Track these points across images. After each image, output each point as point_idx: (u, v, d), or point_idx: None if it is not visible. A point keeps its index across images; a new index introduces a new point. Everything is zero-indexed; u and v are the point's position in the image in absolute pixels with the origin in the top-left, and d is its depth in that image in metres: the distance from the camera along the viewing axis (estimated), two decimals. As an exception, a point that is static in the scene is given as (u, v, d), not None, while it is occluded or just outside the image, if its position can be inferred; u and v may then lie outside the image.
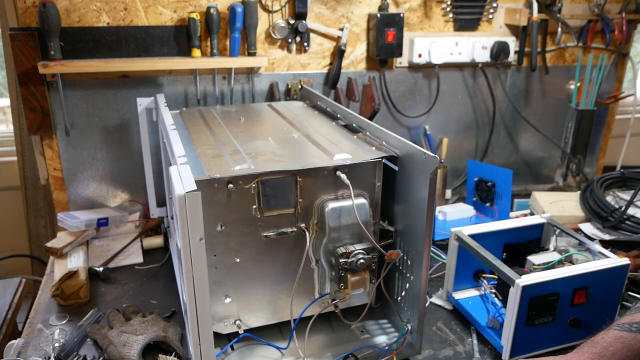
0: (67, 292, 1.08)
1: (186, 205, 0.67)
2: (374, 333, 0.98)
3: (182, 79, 1.39)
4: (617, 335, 0.73)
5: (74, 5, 1.25)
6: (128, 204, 1.45)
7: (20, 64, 1.24)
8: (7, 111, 2.03)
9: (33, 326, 1.03)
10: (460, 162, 1.73)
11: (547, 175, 1.87)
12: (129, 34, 1.31)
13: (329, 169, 0.88)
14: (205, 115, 1.21)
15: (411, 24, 1.54)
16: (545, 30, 1.65)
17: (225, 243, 0.86)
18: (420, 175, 0.83)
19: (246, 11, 1.33)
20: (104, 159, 1.39)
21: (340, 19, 1.47)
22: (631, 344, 0.72)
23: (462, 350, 0.97)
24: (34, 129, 1.30)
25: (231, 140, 1.00)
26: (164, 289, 1.15)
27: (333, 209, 0.88)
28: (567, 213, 1.44)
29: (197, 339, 0.75)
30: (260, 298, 0.92)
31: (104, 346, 0.92)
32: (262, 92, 1.47)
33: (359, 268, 0.88)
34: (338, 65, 1.48)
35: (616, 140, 1.99)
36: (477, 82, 1.67)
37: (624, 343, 0.72)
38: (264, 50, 1.43)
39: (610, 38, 1.67)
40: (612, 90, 1.82)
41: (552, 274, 0.91)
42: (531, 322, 0.91)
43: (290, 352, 0.92)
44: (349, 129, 1.10)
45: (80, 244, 1.28)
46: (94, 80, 1.32)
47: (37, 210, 1.72)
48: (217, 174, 0.82)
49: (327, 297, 0.95)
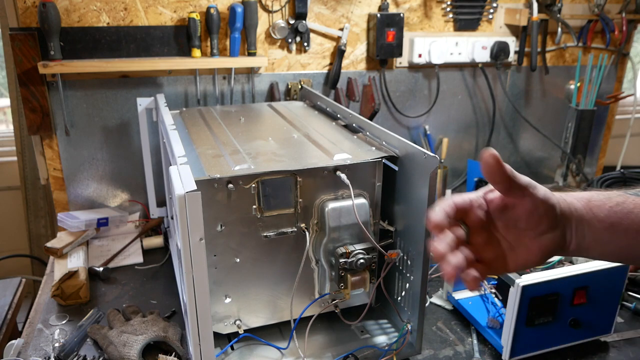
0: (67, 292, 1.08)
1: (186, 205, 0.67)
2: (374, 333, 0.98)
3: (182, 79, 1.39)
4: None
5: (74, 5, 1.25)
6: (128, 204, 1.45)
7: (20, 64, 1.24)
8: (7, 111, 2.03)
9: (33, 326, 1.03)
10: (460, 162, 1.73)
11: (547, 175, 1.87)
12: (129, 34, 1.31)
13: (329, 169, 0.88)
14: (205, 115, 1.21)
15: (411, 24, 1.54)
16: (545, 30, 1.65)
17: (225, 243, 0.86)
18: (420, 175, 0.83)
19: (246, 11, 1.33)
20: (104, 159, 1.39)
21: (340, 19, 1.47)
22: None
23: (462, 350, 0.97)
24: (34, 129, 1.30)
25: (231, 140, 1.00)
26: (164, 289, 1.15)
27: (333, 209, 0.88)
28: (567, 213, 1.44)
29: (197, 339, 0.75)
30: (260, 298, 0.92)
31: (104, 346, 0.92)
32: (262, 92, 1.47)
33: (359, 268, 0.88)
34: (338, 65, 1.48)
35: (616, 140, 1.99)
36: (477, 82, 1.67)
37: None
38: (264, 50, 1.43)
39: (610, 38, 1.67)
40: (612, 90, 1.82)
41: (552, 274, 0.91)
42: (531, 322, 0.91)
43: (290, 352, 0.92)
44: (349, 129, 1.10)
45: (80, 244, 1.28)
46: (94, 80, 1.32)
47: (37, 210, 1.72)
48: (217, 174, 0.82)
49: (327, 297, 0.95)
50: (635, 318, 1.08)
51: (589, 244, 0.61)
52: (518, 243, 0.62)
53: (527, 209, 0.60)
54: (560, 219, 0.61)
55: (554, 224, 0.60)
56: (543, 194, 0.60)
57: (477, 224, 0.62)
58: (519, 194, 0.59)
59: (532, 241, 0.61)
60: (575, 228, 0.61)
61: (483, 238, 0.63)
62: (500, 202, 0.62)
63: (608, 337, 1.01)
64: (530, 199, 0.59)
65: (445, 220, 0.60)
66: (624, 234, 0.60)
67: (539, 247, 0.61)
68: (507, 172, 0.57)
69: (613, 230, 0.60)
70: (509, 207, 0.61)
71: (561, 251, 0.62)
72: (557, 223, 0.60)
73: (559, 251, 0.62)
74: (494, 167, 0.57)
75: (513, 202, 0.60)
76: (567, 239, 0.61)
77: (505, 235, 0.62)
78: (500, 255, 0.62)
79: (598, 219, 0.61)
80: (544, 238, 0.61)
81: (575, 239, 0.61)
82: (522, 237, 0.61)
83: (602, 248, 0.61)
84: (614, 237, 0.60)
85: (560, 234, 0.61)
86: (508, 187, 0.59)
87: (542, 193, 0.60)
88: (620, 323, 1.05)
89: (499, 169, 0.57)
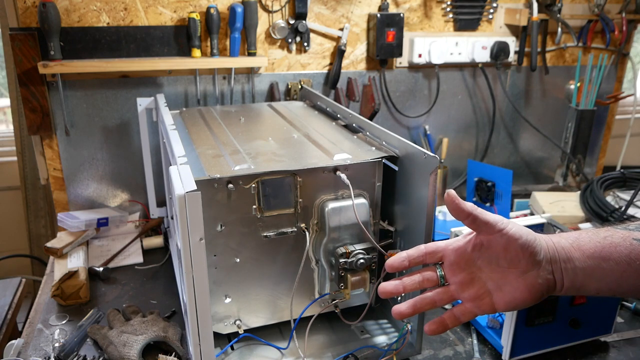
0: (67, 292, 1.08)
1: (186, 205, 0.67)
2: (374, 333, 0.98)
3: (182, 79, 1.39)
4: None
5: (74, 5, 1.25)
6: (128, 204, 1.45)
7: (20, 64, 1.24)
8: (7, 111, 2.03)
9: (33, 326, 1.03)
10: (460, 162, 1.73)
11: (547, 175, 1.87)
12: (129, 34, 1.31)
13: (328, 169, 0.88)
14: (205, 115, 1.21)
15: (411, 24, 1.54)
16: (545, 30, 1.65)
17: (225, 243, 0.86)
18: (420, 175, 0.83)
19: (246, 11, 1.33)
20: (104, 159, 1.39)
21: (340, 19, 1.47)
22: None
23: (462, 350, 0.97)
24: (34, 129, 1.30)
25: (231, 140, 1.00)
26: (164, 289, 1.15)
27: (333, 209, 0.88)
28: (567, 213, 1.44)
29: (197, 339, 0.75)
30: (260, 298, 0.92)
31: (104, 346, 0.92)
32: (262, 92, 1.47)
33: (359, 268, 0.88)
34: (338, 65, 1.48)
35: (616, 140, 1.99)
36: (477, 82, 1.67)
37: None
38: (264, 50, 1.43)
39: (610, 38, 1.67)
40: (612, 90, 1.82)
41: (552, 274, 0.91)
42: (531, 322, 0.91)
43: (290, 352, 0.92)
44: (349, 129, 1.10)
45: (80, 244, 1.28)
46: (94, 80, 1.32)
47: (37, 210, 1.72)
48: (217, 174, 0.82)
49: (327, 297, 0.95)
50: (635, 318, 1.08)
51: (582, 281, 0.62)
52: (504, 282, 0.63)
53: (502, 246, 0.62)
54: (546, 256, 0.62)
55: (534, 261, 0.61)
56: (515, 231, 0.62)
57: (454, 266, 0.66)
58: (487, 230, 0.62)
59: (517, 280, 0.62)
60: (563, 266, 0.62)
61: (461, 279, 0.66)
62: (477, 240, 0.65)
63: (608, 337, 1.01)
64: (501, 235, 0.62)
65: (404, 264, 0.68)
66: (615, 266, 0.60)
67: (526, 285, 0.62)
68: (465, 208, 0.62)
69: (604, 264, 0.60)
70: (484, 245, 0.64)
71: (554, 291, 0.63)
72: (540, 261, 0.61)
73: (551, 291, 0.63)
74: (452, 205, 0.63)
75: (487, 239, 0.63)
76: (556, 277, 0.62)
77: (490, 275, 0.64)
78: (486, 294, 0.65)
79: (587, 255, 0.61)
80: (529, 276, 0.62)
81: (566, 277, 0.62)
82: (507, 275, 0.63)
83: (598, 284, 0.62)
84: (607, 272, 0.60)
85: (546, 272, 0.62)
86: (472, 222, 0.63)
87: (515, 230, 0.62)
88: (620, 323, 1.05)
89: (457, 206, 0.63)
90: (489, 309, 0.65)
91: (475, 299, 0.65)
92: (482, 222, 0.62)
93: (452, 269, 0.67)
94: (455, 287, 0.66)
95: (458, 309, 0.67)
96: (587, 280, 0.61)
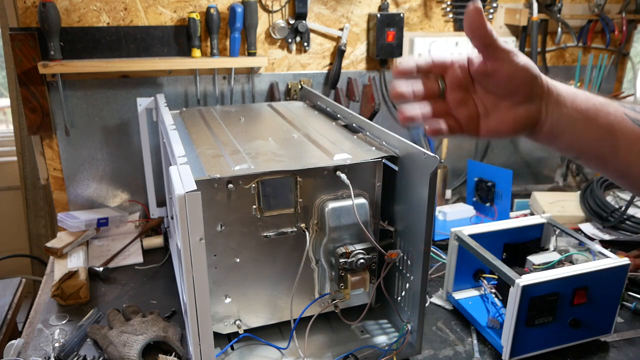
0: (67, 292, 1.08)
1: (186, 205, 0.67)
2: (374, 333, 0.98)
3: (182, 79, 1.39)
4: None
5: (74, 5, 1.25)
6: (128, 204, 1.45)
7: (20, 64, 1.24)
8: (7, 111, 2.03)
9: (33, 326, 1.03)
10: (460, 162, 1.73)
11: (547, 175, 1.87)
12: (129, 34, 1.31)
13: (329, 169, 0.88)
14: (205, 115, 1.21)
15: (411, 24, 1.54)
16: (545, 30, 1.65)
17: (225, 243, 0.86)
18: (420, 175, 0.83)
19: (246, 11, 1.33)
20: (104, 159, 1.39)
21: (340, 19, 1.47)
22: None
23: (462, 350, 0.97)
24: (34, 129, 1.30)
25: (231, 140, 1.00)
26: (164, 289, 1.15)
27: (333, 209, 0.88)
28: (567, 213, 1.44)
29: (197, 339, 0.75)
30: (260, 298, 0.92)
31: (104, 346, 0.92)
32: (262, 92, 1.47)
33: (359, 268, 0.88)
34: (338, 65, 1.48)
35: (616, 140, 1.99)
36: (477, 82, 1.66)
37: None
38: (264, 50, 1.43)
39: (610, 38, 1.67)
40: (612, 90, 1.82)
41: (552, 274, 0.91)
42: (531, 322, 0.91)
43: (290, 352, 0.92)
44: (349, 129, 1.10)
45: (80, 244, 1.28)
46: (94, 80, 1.32)
47: (37, 210, 1.72)
48: (217, 174, 0.82)
49: (327, 297, 0.95)
50: (635, 318, 1.08)
51: (562, 128, 0.63)
52: (494, 109, 0.64)
53: (507, 74, 0.61)
54: (540, 93, 0.63)
55: (531, 95, 0.62)
56: (524, 62, 0.61)
57: (455, 82, 0.65)
58: (498, 56, 0.61)
59: (507, 110, 0.63)
60: (552, 107, 0.63)
61: (459, 97, 0.65)
62: (482, 66, 0.63)
63: (608, 337, 1.01)
64: (510, 64, 0.61)
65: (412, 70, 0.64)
66: (596, 129, 0.61)
67: (513, 117, 0.63)
68: (487, 27, 0.59)
69: (588, 122, 0.62)
70: (489, 72, 0.63)
71: (533, 129, 0.64)
72: (535, 96, 0.62)
73: (531, 128, 0.64)
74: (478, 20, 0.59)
75: (494, 67, 0.62)
76: (542, 116, 0.63)
77: (483, 99, 0.65)
78: (474, 117, 0.65)
79: (578, 109, 0.62)
80: (519, 109, 0.62)
81: (550, 119, 0.63)
82: (499, 104, 0.63)
83: (572, 138, 0.63)
84: (586, 130, 0.62)
85: (536, 108, 0.62)
86: (486, 44, 0.60)
87: (524, 61, 0.61)
88: (620, 323, 1.05)
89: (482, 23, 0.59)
90: (474, 133, 0.65)
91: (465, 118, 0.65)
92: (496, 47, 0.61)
93: (453, 85, 0.65)
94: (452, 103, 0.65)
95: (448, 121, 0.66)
96: (566, 131, 0.63)
